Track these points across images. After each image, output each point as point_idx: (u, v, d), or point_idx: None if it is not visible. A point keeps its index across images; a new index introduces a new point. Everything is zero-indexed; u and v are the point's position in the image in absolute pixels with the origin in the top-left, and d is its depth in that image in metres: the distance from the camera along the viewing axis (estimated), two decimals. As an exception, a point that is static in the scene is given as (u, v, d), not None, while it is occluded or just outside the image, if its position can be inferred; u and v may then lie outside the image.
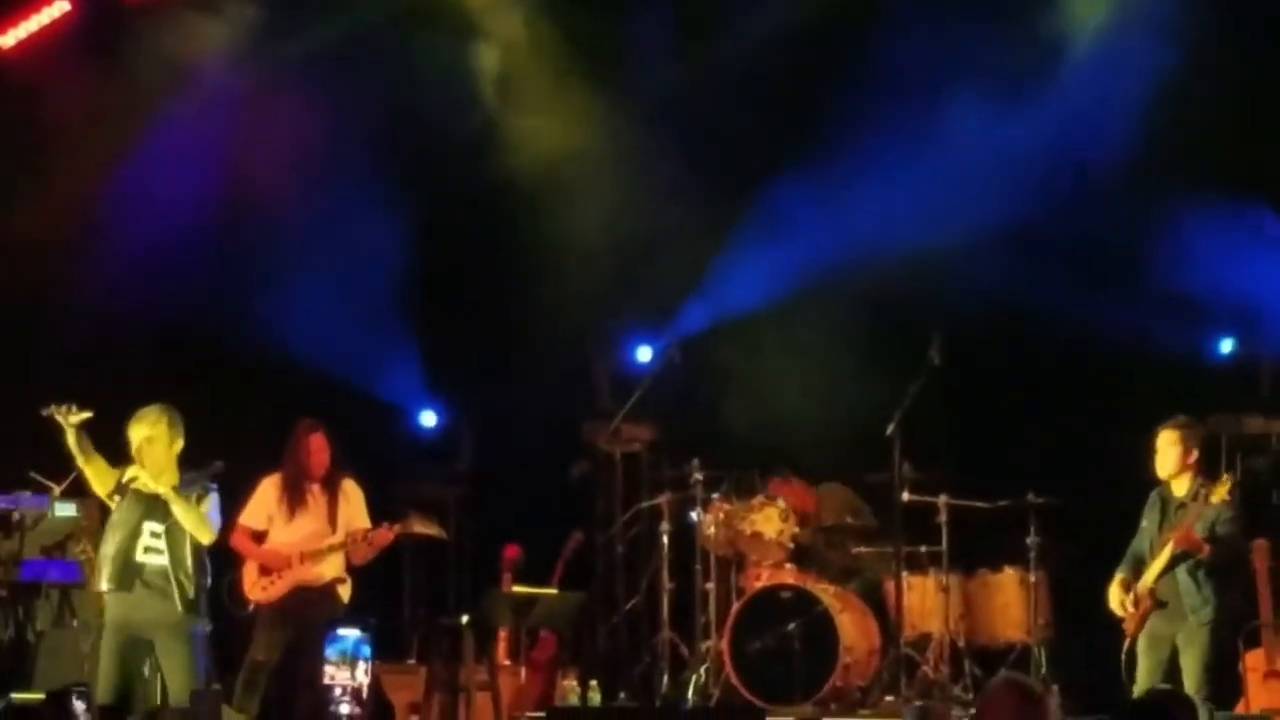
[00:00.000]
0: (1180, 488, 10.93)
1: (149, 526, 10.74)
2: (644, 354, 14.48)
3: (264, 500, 11.83)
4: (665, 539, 13.43)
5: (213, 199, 13.97)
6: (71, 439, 10.65)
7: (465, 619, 12.33)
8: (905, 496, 12.95)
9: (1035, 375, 13.51)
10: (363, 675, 10.89)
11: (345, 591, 11.87)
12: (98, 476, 10.83)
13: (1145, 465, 11.69)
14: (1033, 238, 13.16)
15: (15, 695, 11.18)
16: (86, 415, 10.64)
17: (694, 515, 13.39)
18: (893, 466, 12.95)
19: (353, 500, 11.97)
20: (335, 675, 11.10)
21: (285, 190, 13.94)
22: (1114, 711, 7.67)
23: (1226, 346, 13.61)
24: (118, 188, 13.94)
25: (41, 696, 10.75)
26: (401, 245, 14.11)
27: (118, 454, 10.85)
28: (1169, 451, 10.97)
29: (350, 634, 11.35)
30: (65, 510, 12.87)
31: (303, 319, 13.64)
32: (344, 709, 11.06)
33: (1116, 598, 10.99)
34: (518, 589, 12.51)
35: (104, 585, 10.75)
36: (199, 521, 10.70)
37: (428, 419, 15.04)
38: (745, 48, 13.70)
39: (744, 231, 13.90)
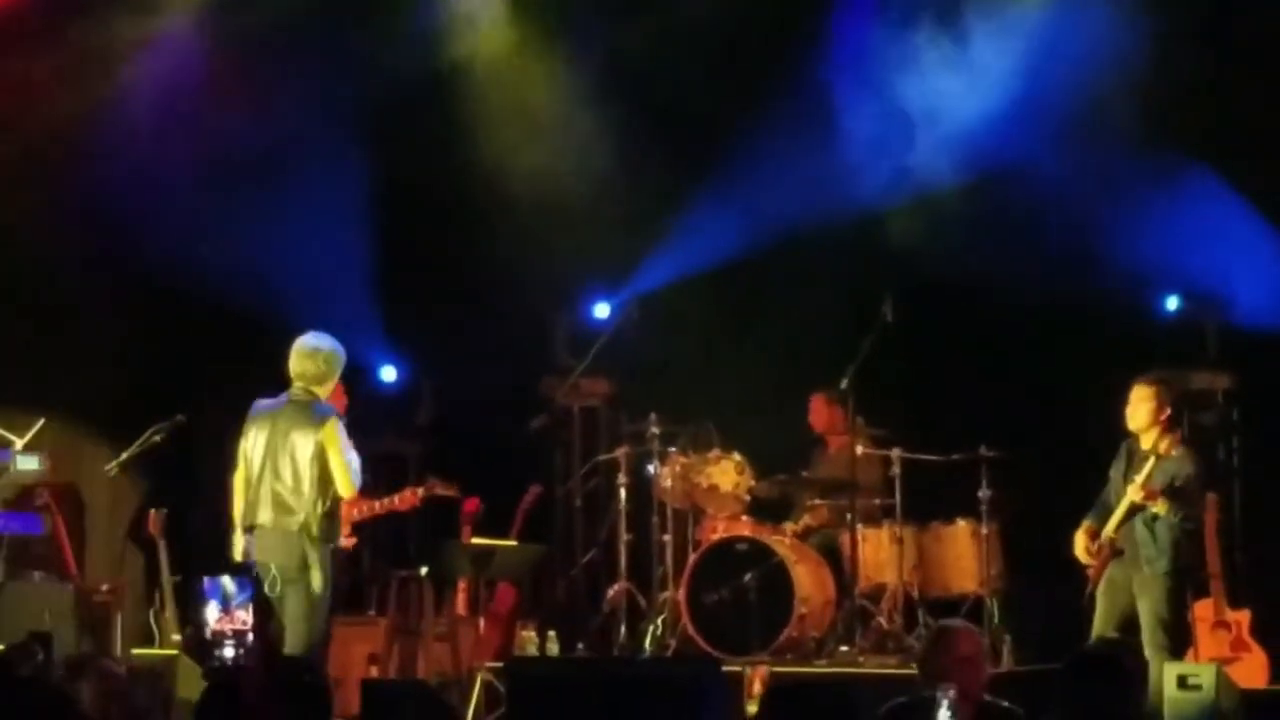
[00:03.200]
0: (1148, 441, 10.98)
1: None
2: (602, 310, 14.54)
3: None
4: (623, 492, 13.52)
5: (174, 154, 13.99)
6: None
7: (424, 570, 12.48)
8: (859, 450, 13.12)
9: (986, 332, 13.62)
10: (243, 618, 11.12)
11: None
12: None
13: (1093, 419, 11.91)
14: (984, 196, 13.29)
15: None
16: None
17: (651, 468, 13.49)
18: (847, 421, 13.15)
19: None
20: (218, 622, 11.28)
21: (246, 147, 13.97)
22: (1065, 660, 7.85)
23: (1172, 303, 13.71)
24: (80, 142, 13.94)
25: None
26: (361, 201, 14.14)
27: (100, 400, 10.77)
28: (1141, 406, 11.03)
29: (228, 581, 11.51)
30: (28, 463, 12.94)
31: (263, 275, 13.67)
32: (228, 651, 11.25)
33: (1081, 544, 11.11)
34: (477, 541, 12.61)
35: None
36: None
37: (387, 374, 15.06)
38: (702, 6, 13.76)
39: (701, 189, 13.99)
